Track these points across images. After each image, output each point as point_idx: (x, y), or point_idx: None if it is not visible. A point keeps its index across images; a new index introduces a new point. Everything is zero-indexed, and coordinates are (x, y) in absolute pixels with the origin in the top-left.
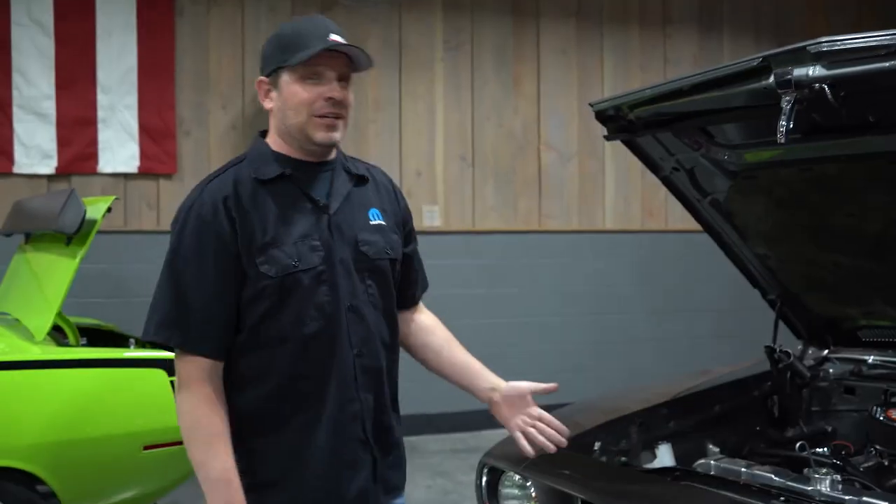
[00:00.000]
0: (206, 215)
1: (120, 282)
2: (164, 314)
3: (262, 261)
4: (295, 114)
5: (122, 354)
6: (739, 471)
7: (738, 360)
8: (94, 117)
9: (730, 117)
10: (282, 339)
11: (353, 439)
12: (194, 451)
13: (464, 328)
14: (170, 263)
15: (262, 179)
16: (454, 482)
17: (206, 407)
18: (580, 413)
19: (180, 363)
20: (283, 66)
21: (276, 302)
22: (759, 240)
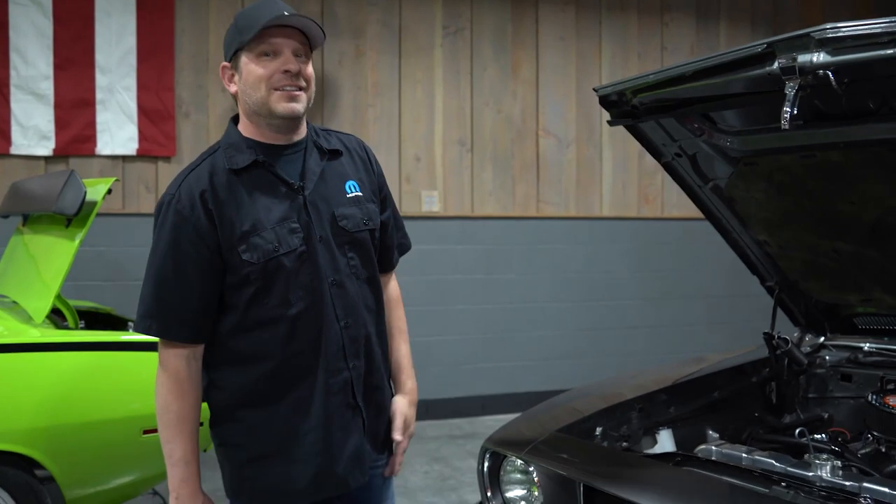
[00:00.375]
0: (184, 210)
1: (117, 264)
2: (146, 307)
3: (244, 249)
4: (254, 90)
5: (121, 337)
6: (740, 456)
7: (731, 346)
8: (92, 99)
9: (733, 103)
10: (271, 320)
11: (343, 405)
12: (163, 430)
13: (461, 313)
14: (151, 257)
15: (235, 169)
16: (452, 468)
17: (177, 391)
18: (577, 399)
19: (160, 349)
20: (241, 47)
21: (262, 286)
22: (760, 226)
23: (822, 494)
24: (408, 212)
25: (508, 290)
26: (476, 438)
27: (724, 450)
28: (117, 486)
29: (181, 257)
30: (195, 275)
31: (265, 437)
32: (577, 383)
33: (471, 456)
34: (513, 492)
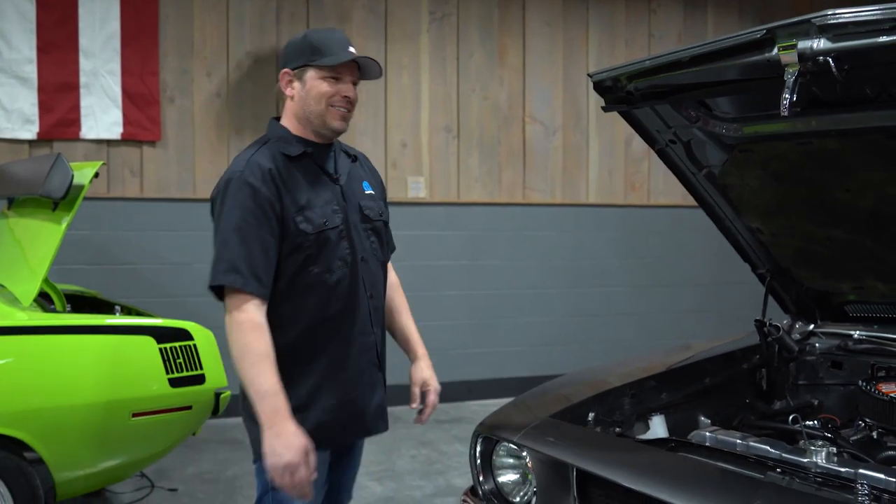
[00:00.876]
0: (256, 182)
1: (101, 249)
2: (230, 262)
3: (301, 220)
4: (316, 103)
5: (112, 321)
6: (734, 442)
7: (718, 333)
8: (76, 83)
9: (730, 90)
10: (314, 284)
11: (371, 364)
12: (246, 370)
13: (447, 299)
14: (227, 222)
15: (290, 156)
16: (438, 452)
17: (254, 334)
18: (569, 386)
19: (235, 301)
20: (311, 64)
21: (310, 254)
22: (753, 214)
23: (818, 480)
24: (394, 198)
25: (494, 277)
26: (462, 423)
27: (718, 436)
28: (107, 469)
29: (257, 221)
30: (268, 237)
31: (303, 390)
32: (563, 369)
33: (457, 440)
34: (505, 476)
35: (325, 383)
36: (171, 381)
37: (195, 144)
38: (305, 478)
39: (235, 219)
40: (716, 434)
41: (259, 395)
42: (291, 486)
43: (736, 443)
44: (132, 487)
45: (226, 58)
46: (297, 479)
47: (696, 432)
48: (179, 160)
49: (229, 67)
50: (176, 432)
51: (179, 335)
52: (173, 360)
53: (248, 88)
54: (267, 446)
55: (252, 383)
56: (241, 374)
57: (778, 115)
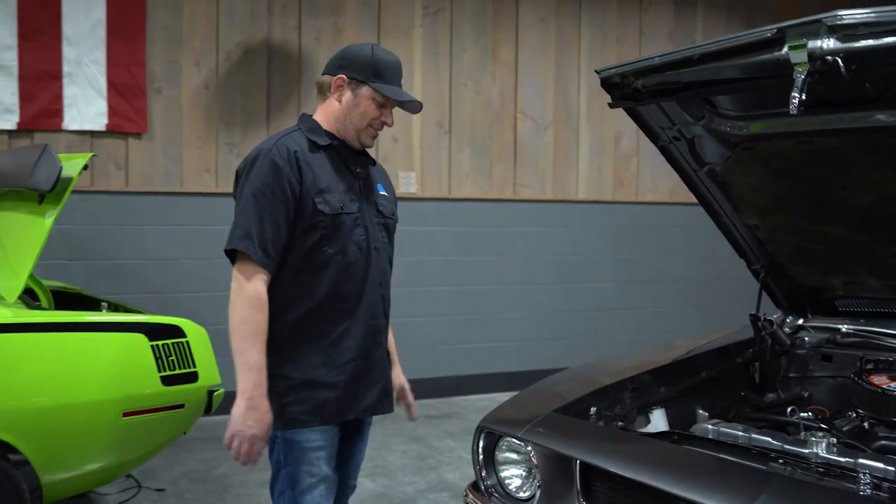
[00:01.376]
0: (280, 161)
1: (84, 243)
2: (245, 229)
3: (320, 201)
4: (360, 119)
5: (102, 318)
6: (737, 434)
7: (705, 329)
8: (59, 71)
9: (738, 88)
10: (329, 264)
11: (378, 346)
12: (240, 340)
13: (438, 294)
14: (253, 192)
15: (318, 143)
16: (430, 447)
17: (257, 308)
18: (568, 381)
19: (243, 270)
20: (370, 84)
21: (326, 234)
22: (752, 211)
23: (820, 471)
24: None
25: (485, 272)
26: (452, 418)
27: (721, 428)
28: (95, 470)
29: (274, 197)
30: (285, 213)
31: (309, 364)
32: (552, 364)
33: (448, 435)
34: (508, 471)
35: (333, 360)
36: (164, 379)
37: (183, 137)
38: (259, 452)
39: (255, 191)
40: (718, 426)
41: (246, 366)
42: (246, 454)
43: (738, 435)
44: (118, 488)
45: (215, 48)
46: (255, 451)
47: (699, 425)
48: (166, 153)
49: (219, 58)
50: (168, 432)
51: (171, 332)
52: (165, 358)
53: (238, 80)
54: (238, 413)
55: (241, 353)
56: (234, 341)
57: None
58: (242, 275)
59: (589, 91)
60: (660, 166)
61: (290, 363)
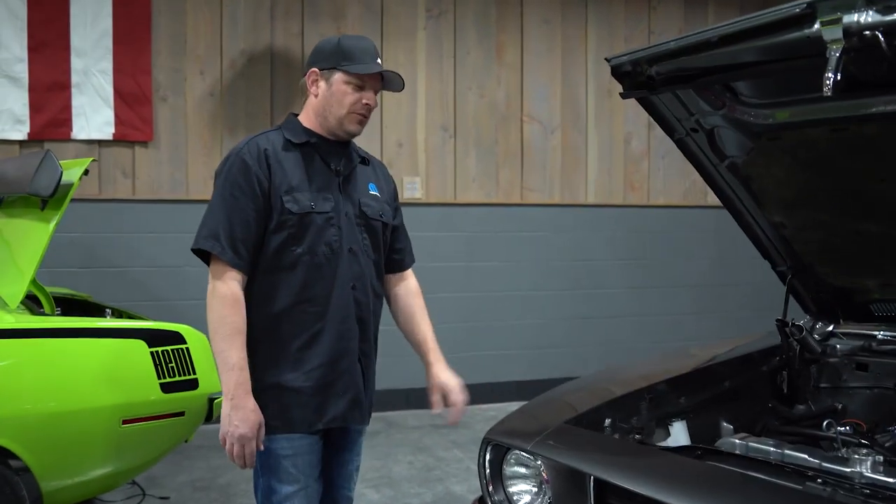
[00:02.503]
0: (250, 160)
1: (92, 251)
2: (212, 229)
3: (288, 199)
4: (339, 106)
5: (101, 324)
6: (768, 450)
7: (718, 335)
8: (67, 82)
9: (763, 72)
10: (297, 264)
11: (350, 353)
12: (218, 341)
13: (443, 301)
14: (221, 191)
15: (293, 142)
16: (436, 458)
17: (233, 307)
18: (578, 392)
19: (216, 270)
20: (340, 68)
21: (294, 233)
22: (777, 206)
23: (865, 492)
24: None
25: (491, 279)
26: (459, 428)
27: (749, 443)
28: (97, 478)
29: (243, 195)
30: (254, 211)
31: (275, 370)
32: (560, 373)
33: (455, 446)
34: (517, 486)
35: (300, 365)
36: (164, 386)
37: (188, 144)
38: (252, 452)
39: (225, 191)
40: (746, 441)
41: (227, 366)
42: (239, 455)
43: (769, 450)
44: (123, 496)
45: (219, 56)
46: (247, 451)
47: (725, 439)
48: (172, 161)
49: (223, 66)
50: (168, 439)
51: (172, 339)
52: (165, 365)
53: (242, 87)
54: (224, 414)
55: (221, 354)
56: (212, 343)
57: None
58: (215, 275)
59: (597, 92)
60: (672, 168)
61: (258, 366)
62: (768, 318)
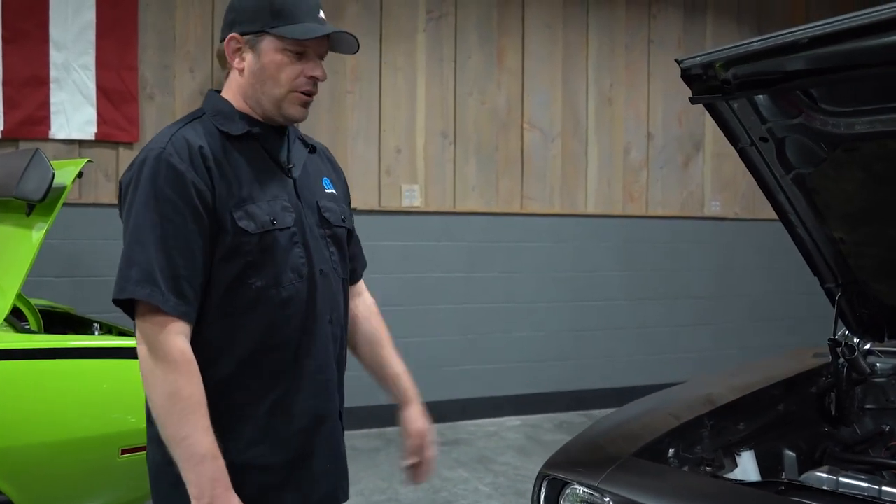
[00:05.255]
0: (180, 164)
1: (72, 259)
2: (144, 268)
3: (240, 216)
4: (274, 84)
5: (96, 343)
6: (863, 486)
7: (716, 348)
8: (46, 77)
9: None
10: (257, 302)
11: (330, 410)
12: (174, 425)
13: (442, 313)
14: (141, 216)
15: (231, 134)
16: (441, 479)
17: (187, 374)
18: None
19: (152, 326)
20: (270, 32)
21: (252, 262)
22: (840, 221)
23: None
24: (387, 206)
25: (491, 289)
26: (461, 445)
27: (840, 478)
28: None
29: (181, 217)
30: (196, 238)
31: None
32: (561, 386)
33: (459, 465)
34: None
35: (267, 435)
36: None
37: None
38: None
39: (152, 212)
40: (837, 476)
41: (193, 458)
42: None
43: (863, 486)
44: None
45: (210, 53)
46: None
47: (810, 473)
48: None
49: (214, 63)
50: None
51: None
52: None
53: None
54: None
55: (182, 441)
56: (167, 427)
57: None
58: (155, 332)
59: (597, 100)
60: (670, 179)
61: (220, 435)
62: (767, 331)
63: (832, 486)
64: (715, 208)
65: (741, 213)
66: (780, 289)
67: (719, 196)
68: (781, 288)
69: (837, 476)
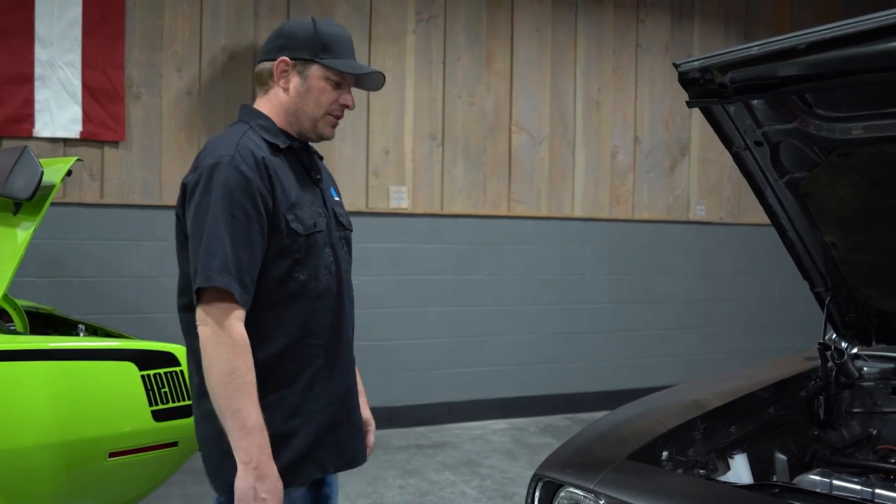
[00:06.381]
0: (248, 171)
1: (56, 259)
2: (223, 260)
3: (292, 219)
4: (315, 106)
5: (85, 344)
6: (857, 489)
7: (703, 352)
8: (30, 74)
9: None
10: (299, 294)
11: (352, 386)
12: (231, 399)
13: (430, 315)
14: (220, 212)
15: (278, 146)
16: (428, 482)
17: (243, 355)
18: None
19: (221, 311)
20: (319, 62)
21: (299, 259)
22: (833, 226)
23: None
24: (375, 208)
25: (479, 292)
26: (447, 448)
27: (834, 481)
28: None
29: (247, 217)
30: (258, 238)
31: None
32: (548, 389)
33: (445, 468)
34: None
35: (307, 406)
36: (155, 413)
37: (162, 146)
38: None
39: (226, 211)
40: (831, 479)
41: (245, 429)
42: None
43: (857, 489)
44: None
45: (198, 52)
46: None
47: (804, 476)
48: (145, 163)
49: (202, 63)
50: (159, 473)
51: (164, 360)
52: (158, 390)
53: (222, 87)
54: (245, 488)
55: (237, 414)
56: (222, 399)
57: None
58: (222, 317)
59: (585, 104)
60: (656, 183)
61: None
62: (752, 334)
63: (825, 489)
64: (700, 212)
65: (726, 217)
66: (764, 293)
67: (705, 200)
68: (766, 292)
69: (831, 479)
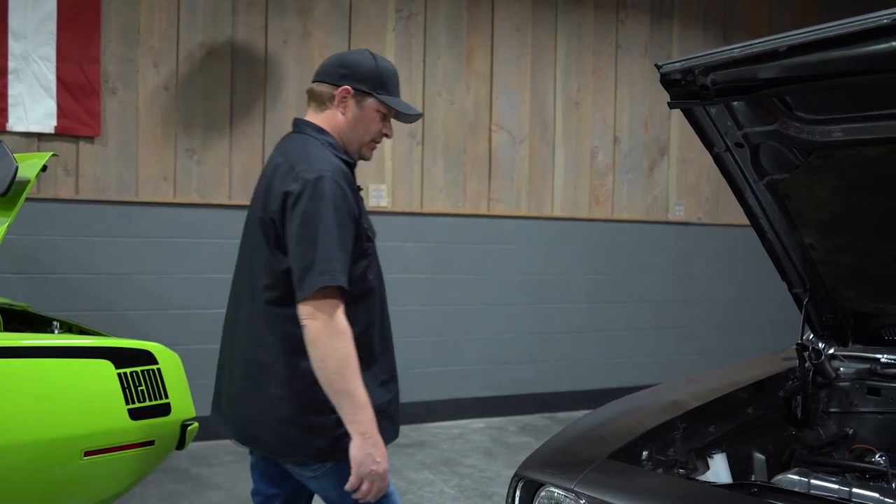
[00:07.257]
0: (345, 185)
1: (29, 255)
2: (341, 262)
3: (367, 227)
4: (365, 132)
5: (60, 342)
6: (834, 488)
7: (679, 352)
8: (3, 67)
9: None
10: (369, 291)
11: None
12: (347, 381)
13: (408, 314)
14: (331, 219)
15: (349, 163)
16: (408, 481)
17: (351, 343)
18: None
19: (332, 306)
20: (376, 95)
21: (370, 262)
22: (811, 228)
23: None
24: None
25: (457, 291)
26: (425, 447)
27: (812, 480)
28: None
29: (346, 223)
30: (352, 243)
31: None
32: (526, 389)
33: (424, 467)
34: None
35: (376, 380)
36: (132, 412)
37: (139, 142)
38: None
39: (334, 220)
40: (808, 478)
41: (359, 405)
42: (378, 491)
43: (835, 488)
44: None
45: (175, 47)
46: (385, 486)
47: (782, 476)
48: (120, 159)
49: (179, 58)
50: (135, 472)
51: (141, 358)
52: (134, 388)
53: (199, 82)
54: (363, 454)
55: (352, 393)
56: (339, 383)
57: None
58: (332, 310)
59: (565, 104)
60: (635, 184)
61: None
62: (727, 335)
63: (804, 488)
64: (679, 213)
65: (704, 217)
66: (740, 294)
67: (683, 201)
68: (742, 293)
69: (809, 478)
